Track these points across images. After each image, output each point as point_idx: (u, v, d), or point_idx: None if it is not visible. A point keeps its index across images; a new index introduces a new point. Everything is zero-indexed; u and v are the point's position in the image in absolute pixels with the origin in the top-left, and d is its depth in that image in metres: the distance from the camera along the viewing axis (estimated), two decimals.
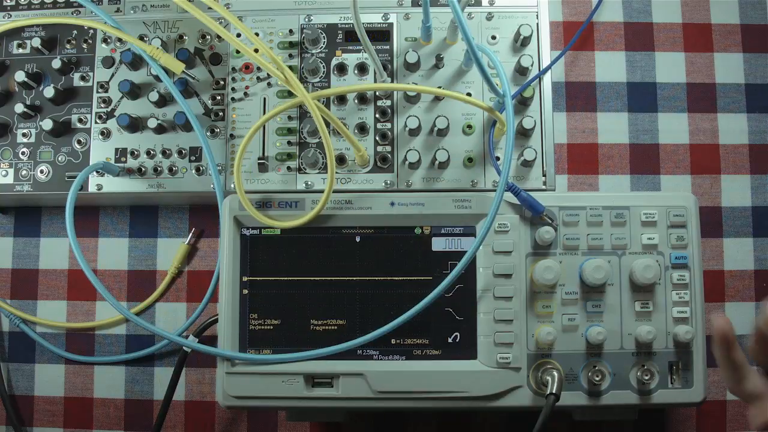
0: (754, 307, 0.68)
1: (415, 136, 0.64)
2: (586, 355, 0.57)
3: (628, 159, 0.70)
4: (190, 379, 0.69)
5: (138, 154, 0.65)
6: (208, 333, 0.64)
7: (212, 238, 0.71)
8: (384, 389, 0.57)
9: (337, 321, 0.59)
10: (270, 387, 0.57)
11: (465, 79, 0.65)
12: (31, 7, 0.68)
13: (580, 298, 0.57)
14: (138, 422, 0.69)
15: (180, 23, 0.67)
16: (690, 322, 0.57)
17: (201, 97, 0.66)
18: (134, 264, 0.71)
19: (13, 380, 0.71)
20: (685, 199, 0.58)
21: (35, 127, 0.66)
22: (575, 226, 0.58)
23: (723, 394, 0.68)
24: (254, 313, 0.59)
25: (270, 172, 0.65)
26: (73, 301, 0.71)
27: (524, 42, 0.64)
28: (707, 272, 0.68)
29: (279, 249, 0.59)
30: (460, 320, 0.58)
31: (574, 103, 0.71)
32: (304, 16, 0.67)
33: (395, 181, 0.64)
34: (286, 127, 0.65)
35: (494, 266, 0.57)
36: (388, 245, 0.59)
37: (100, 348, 0.70)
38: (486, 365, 0.57)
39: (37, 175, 0.66)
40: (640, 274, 0.56)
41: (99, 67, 0.67)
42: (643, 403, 0.57)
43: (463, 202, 0.59)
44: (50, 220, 0.72)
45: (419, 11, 0.66)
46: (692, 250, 0.58)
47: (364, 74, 0.65)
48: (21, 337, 0.71)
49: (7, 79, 0.67)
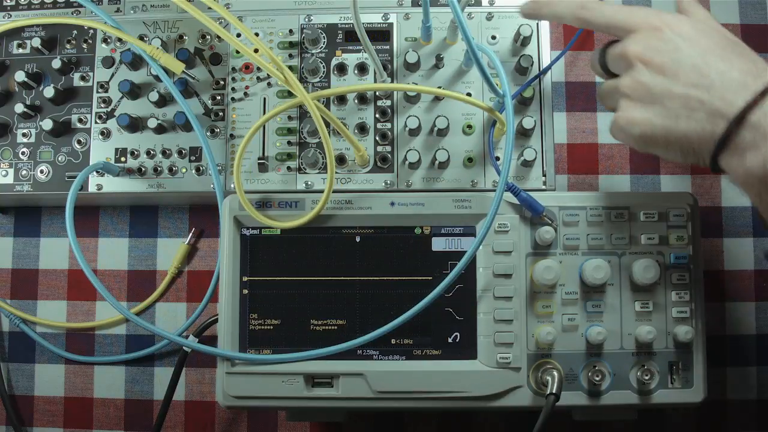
0: (755, 307, 0.68)
1: (415, 136, 0.64)
2: (586, 355, 0.57)
3: (628, 159, 0.70)
4: (190, 379, 0.69)
5: (138, 154, 0.65)
6: (208, 333, 0.64)
7: (212, 238, 0.71)
8: (384, 389, 0.57)
9: (337, 321, 0.59)
10: (270, 387, 0.57)
11: (465, 79, 0.65)
12: (31, 7, 0.68)
13: (580, 298, 0.58)
14: (138, 422, 0.69)
15: (180, 23, 0.67)
16: (690, 322, 0.57)
17: (201, 97, 0.66)
18: (134, 264, 0.71)
19: (13, 380, 0.71)
20: (685, 199, 0.58)
21: (35, 127, 0.66)
22: (575, 226, 0.58)
23: (723, 394, 0.68)
24: (254, 313, 0.59)
25: (270, 172, 0.65)
26: (73, 301, 0.71)
27: (524, 42, 0.64)
28: (707, 272, 0.68)
29: (279, 249, 0.59)
30: (460, 320, 0.58)
31: (574, 103, 0.71)
32: (304, 16, 0.67)
33: (395, 181, 0.64)
34: (286, 127, 0.65)
35: (494, 266, 0.57)
36: (388, 245, 0.59)
37: (100, 348, 0.70)
38: (486, 365, 0.57)
39: (37, 175, 0.66)
40: (640, 274, 0.56)
41: (99, 67, 0.67)
42: (643, 403, 0.57)
43: (463, 202, 0.59)
44: (50, 220, 0.72)
45: (419, 11, 0.66)
46: (692, 250, 0.58)
47: (364, 74, 0.65)
48: (21, 337, 0.71)
49: (7, 79, 0.67)
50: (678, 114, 0.47)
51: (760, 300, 0.69)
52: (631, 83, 0.49)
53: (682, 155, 0.49)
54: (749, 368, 0.68)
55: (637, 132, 0.49)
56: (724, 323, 0.68)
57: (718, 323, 0.68)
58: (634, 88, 0.49)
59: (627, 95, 0.50)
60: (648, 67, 0.48)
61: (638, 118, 0.49)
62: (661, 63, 0.48)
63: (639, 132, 0.49)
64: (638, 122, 0.49)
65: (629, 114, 0.50)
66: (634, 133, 0.50)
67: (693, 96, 0.46)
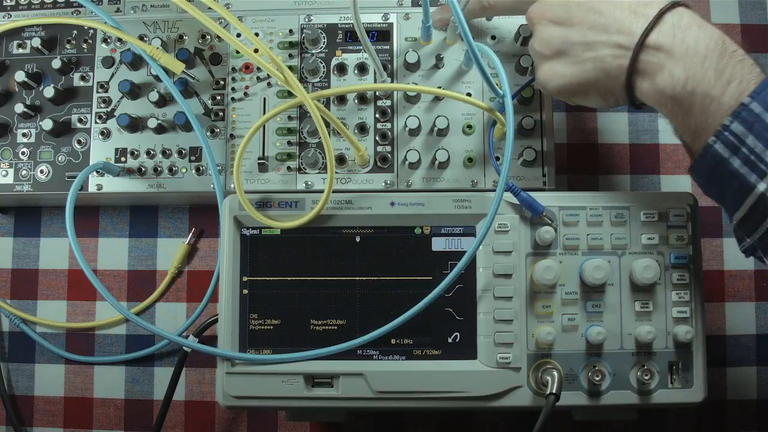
0: (754, 307, 0.68)
1: (415, 136, 0.64)
2: (586, 355, 0.57)
3: (628, 159, 0.70)
4: (190, 379, 0.69)
5: (138, 154, 0.65)
6: (208, 333, 0.64)
7: (212, 238, 0.71)
8: (384, 389, 0.57)
9: (337, 321, 0.59)
10: (270, 387, 0.57)
11: (465, 79, 0.65)
12: (31, 7, 0.68)
13: (580, 298, 0.57)
14: (138, 422, 0.69)
15: (180, 23, 0.67)
16: (690, 322, 0.57)
17: (201, 97, 0.66)
18: (134, 264, 0.71)
19: (13, 380, 0.71)
20: (685, 199, 0.58)
21: (35, 127, 0.66)
22: (575, 226, 0.58)
23: (723, 394, 0.68)
24: (254, 313, 0.59)
25: (270, 172, 0.65)
26: (73, 301, 0.71)
27: (524, 42, 0.64)
28: (707, 272, 0.68)
29: (279, 249, 0.59)
30: (460, 320, 0.58)
31: None
32: (304, 16, 0.67)
33: (395, 181, 0.64)
34: (286, 127, 0.65)
35: (494, 266, 0.57)
36: (388, 245, 0.59)
37: (100, 348, 0.70)
38: (486, 365, 0.57)
39: (37, 175, 0.66)
40: (640, 274, 0.56)
41: (99, 67, 0.67)
42: (643, 403, 0.57)
43: (463, 202, 0.59)
44: (50, 220, 0.72)
45: (419, 11, 0.66)
46: (692, 250, 0.58)
47: (364, 74, 0.65)
48: (21, 337, 0.71)
49: (7, 79, 0.67)
50: (584, 59, 0.49)
51: (760, 300, 0.69)
52: (536, 42, 0.53)
53: (602, 98, 0.51)
54: (749, 368, 0.68)
55: (554, 86, 0.52)
56: (724, 323, 0.68)
57: (718, 323, 0.68)
58: (540, 45, 0.53)
59: (537, 53, 0.54)
60: (545, 24, 0.52)
61: (551, 73, 0.52)
62: (554, 16, 0.51)
63: (555, 85, 0.52)
64: (552, 76, 0.52)
65: (543, 71, 0.53)
66: (552, 88, 0.53)
67: (592, 38, 0.49)
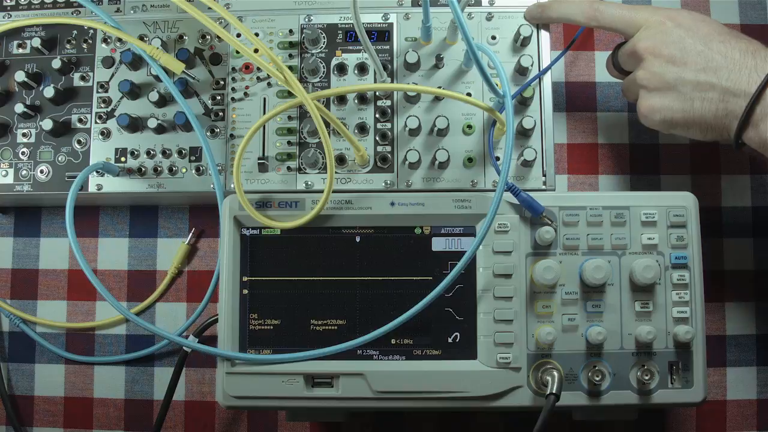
0: (755, 307, 0.68)
1: (415, 136, 0.64)
2: (586, 355, 0.57)
3: (628, 159, 0.70)
4: (190, 379, 0.69)
5: (138, 154, 0.65)
6: (208, 333, 0.64)
7: (212, 238, 0.71)
8: (384, 389, 0.57)
9: (337, 321, 0.59)
10: (270, 387, 0.57)
11: (465, 79, 0.65)
12: (31, 7, 0.68)
13: (580, 298, 0.58)
14: (138, 422, 0.69)
15: (180, 23, 0.67)
16: (690, 322, 0.57)
17: (201, 97, 0.66)
18: (134, 264, 0.71)
19: (13, 380, 0.71)
20: (685, 199, 0.58)
21: (35, 127, 0.66)
22: (575, 226, 0.58)
23: (723, 394, 0.68)
24: (254, 313, 0.59)
25: (270, 172, 0.65)
26: (73, 301, 0.71)
27: (524, 42, 0.64)
28: (707, 272, 0.68)
29: (279, 249, 0.59)
30: (460, 320, 0.58)
31: (574, 103, 0.71)
32: (304, 16, 0.67)
33: (395, 181, 0.64)
34: (286, 127, 0.65)
35: (494, 266, 0.57)
36: (388, 245, 0.59)
37: (100, 348, 0.70)
38: (486, 365, 0.57)
39: (37, 175, 0.66)
40: (640, 274, 0.56)
41: (99, 67, 0.67)
42: (643, 403, 0.57)
43: (463, 202, 0.59)
44: (50, 220, 0.72)
45: (419, 11, 0.66)
46: (692, 250, 0.58)
47: (364, 74, 0.65)
48: (21, 337, 0.71)
49: (7, 79, 0.67)
50: (692, 97, 0.54)
51: (760, 300, 0.69)
52: (645, 75, 0.56)
53: (702, 133, 0.55)
54: (749, 368, 0.68)
55: (658, 118, 0.56)
56: (724, 323, 0.68)
57: (718, 323, 0.68)
58: (649, 79, 0.56)
59: (644, 86, 0.57)
60: (658, 59, 0.55)
61: (657, 105, 0.56)
62: (669, 54, 0.54)
63: (660, 117, 0.56)
64: (658, 109, 0.56)
65: (649, 102, 0.57)
66: (656, 119, 0.56)
67: (703, 80, 0.53)
